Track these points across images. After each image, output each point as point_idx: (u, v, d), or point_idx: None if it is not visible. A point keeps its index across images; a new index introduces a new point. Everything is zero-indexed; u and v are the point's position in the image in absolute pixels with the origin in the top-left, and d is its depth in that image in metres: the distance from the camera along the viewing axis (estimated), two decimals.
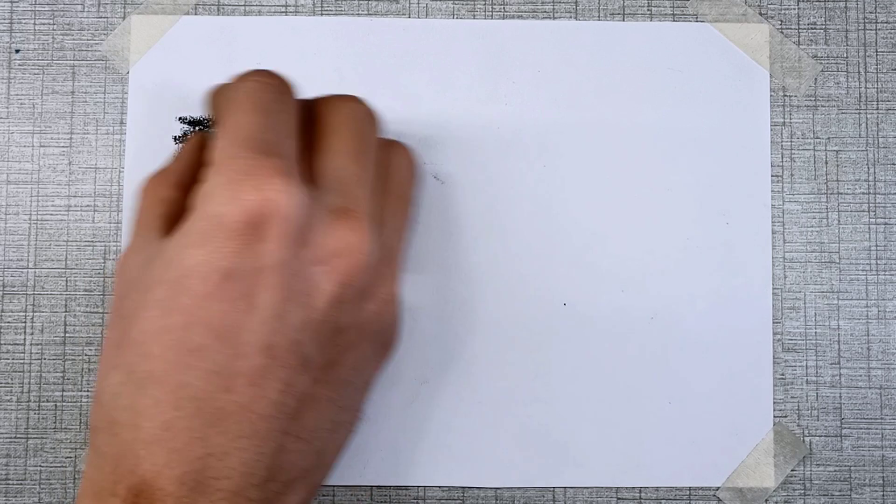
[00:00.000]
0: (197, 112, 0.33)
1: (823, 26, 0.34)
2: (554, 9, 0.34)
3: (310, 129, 0.27)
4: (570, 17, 0.34)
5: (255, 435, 0.22)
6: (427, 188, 0.33)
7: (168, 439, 0.22)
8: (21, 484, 0.32)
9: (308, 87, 0.33)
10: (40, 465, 0.32)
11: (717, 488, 0.33)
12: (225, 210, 0.22)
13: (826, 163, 0.34)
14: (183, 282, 0.22)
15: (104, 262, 0.33)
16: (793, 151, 0.34)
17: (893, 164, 0.34)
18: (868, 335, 0.33)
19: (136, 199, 0.28)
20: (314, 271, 0.24)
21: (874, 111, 0.34)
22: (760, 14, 0.34)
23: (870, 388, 0.33)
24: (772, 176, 0.34)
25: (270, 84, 0.26)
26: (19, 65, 0.34)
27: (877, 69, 0.34)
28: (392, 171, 0.29)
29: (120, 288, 0.26)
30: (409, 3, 0.34)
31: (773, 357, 0.33)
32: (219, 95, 0.28)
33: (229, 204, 0.22)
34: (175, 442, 0.22)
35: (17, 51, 0.34)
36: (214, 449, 0.22)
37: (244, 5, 0.34)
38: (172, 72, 0.33)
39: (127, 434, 0.22)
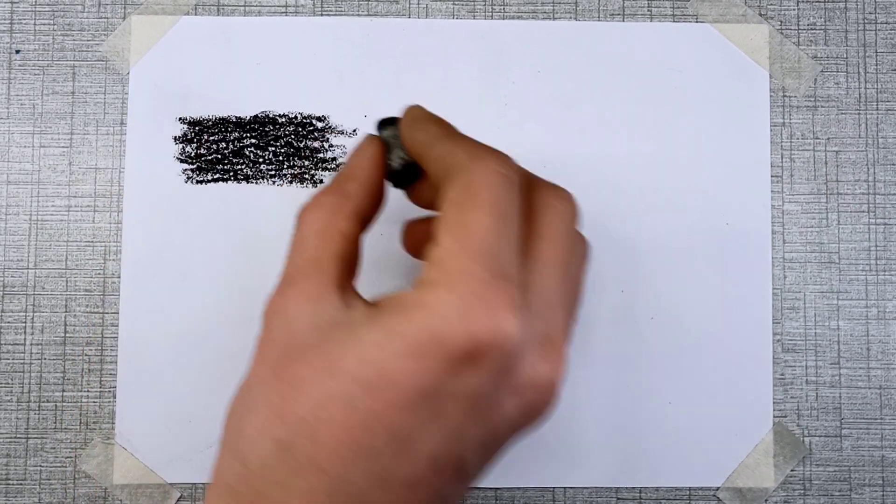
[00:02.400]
0: (197, 112, 0.33)
1: (823, 27, 0.34)
2: (554, 9, 0.34)
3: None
4: (570, 17, 0.34)
5: None
6: None
7: None
8: (21, 484, 0.32)
9: (308, 87, 0.33)
10: (40, 465, 0.32)
11: (717, 488, 0.33)
12: (449, 332, 0.21)
13: (826, 163, 0.34)
14: (378, 387, 0.21)
15: (104, 263, 0.33)
16: (792, 152, 0.34)
17: (893, 164, 0.34)
18: (868, 335, 0.33)
19: (302, 225, 0.24)
20: (506, 399, 0.23)
21: (874, 111, 0.34)
22: (760, 15, 0.34)
23: (869, 388, 0.33)
24: (771, 176, 0.34)
25: (513, 181, 0.23)
26: (20, 65, 0.34)
27: (876, 70, 0.34)
28: (573, 270, 0.26)
29: (280, 336, 0.23)
30: (409, 4, 0.34)
31: (773, 357, 0.33)
32: (428, 133, 0.25)
33: (456, 327, 0.21)
34: None
35: (18, 51, 0.34)
36: None
37: (244, 6, 0.34)
38: (173, 72, 0.33)
39: None
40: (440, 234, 0.22)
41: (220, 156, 0.33)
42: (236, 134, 0.33)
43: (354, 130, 0.33)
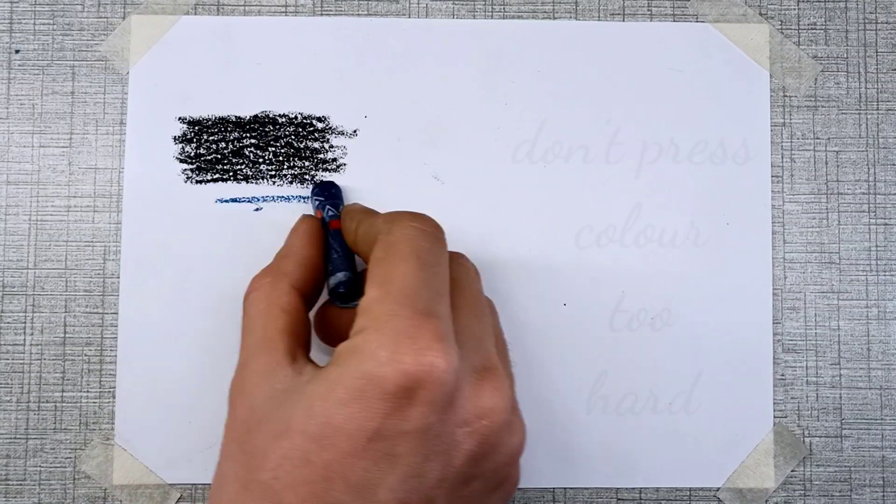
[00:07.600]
0: (197, 112, 0.33)
1: (823, 26, 0.34)
2: (554, 9, 0.34)
3: None
4: (570, 17, 0.34)
5: None
6: (427, 188, 0.33)
7: None
8: (21, 485, 0.32)
9: (308, 88, 0.33)
10: (40, 466, 0.32)
11: (718, 489, 0.33)
12: (382, 371, 0.22)
13: (826, 163, 0.34)
14: (328, 437, 0.22)
15: (104, 263, 0.33)
16: (793, 152, 0.34)
17: (894, 164, 0.34)
18: (868, 336, 0.33)
19: (248, 307, 0.27)
20: (457, 432, 0.23)
21: (874, 111, 0.34)
22: (760, 14, 0.34)
23: (870, 388, 0.33)
24: (772, 176, 0.34)
25: (428, 233, 0.26)
26: (19, 65, 0.34)
27: (877, 69, 0.34)
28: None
29: (242, 413, 0.24)
30: (409, 3, 0.34)
31: (774, 357, 0.33)
32: (356, 219, 0.28)
33: (388, 366, 0.22)
34: None
35: (17, 51, 0.34)
36: None
37: (244, 5, 0.34)
38: (172, 72, 0.33)
39: None
40: (367, 288, 0.24)
41: (219, 156, 0.33)
42: (236, 134, 0.33)
43: (355, 131, 0.33)
